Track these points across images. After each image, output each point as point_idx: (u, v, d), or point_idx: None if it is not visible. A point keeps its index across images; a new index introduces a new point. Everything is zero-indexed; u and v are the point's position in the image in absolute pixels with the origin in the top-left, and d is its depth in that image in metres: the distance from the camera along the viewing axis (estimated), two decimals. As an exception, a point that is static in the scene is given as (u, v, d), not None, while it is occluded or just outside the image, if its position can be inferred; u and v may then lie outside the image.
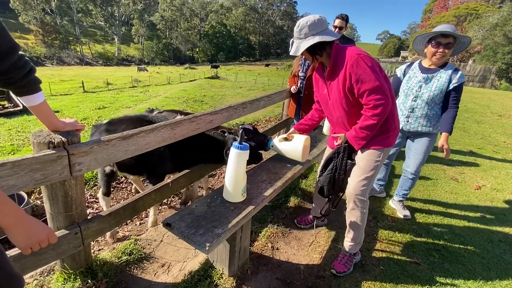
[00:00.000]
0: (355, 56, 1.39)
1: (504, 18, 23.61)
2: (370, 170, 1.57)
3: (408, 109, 2.21)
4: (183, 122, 1.79)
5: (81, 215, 1.33)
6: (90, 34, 58.48)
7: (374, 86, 1.36)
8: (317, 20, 1.44)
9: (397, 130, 1.61)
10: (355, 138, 1.51)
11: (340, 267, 1.74)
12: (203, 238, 1.19)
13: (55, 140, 1.11)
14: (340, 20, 3.08)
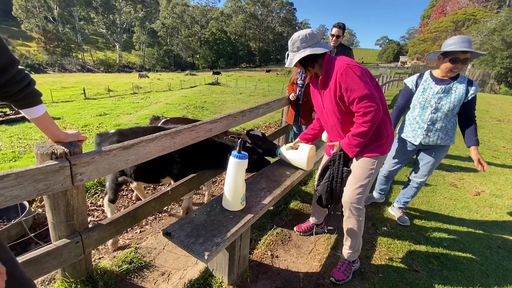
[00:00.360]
0: (344, 66, 1.45)
1: (502, 23, 23.84)
2: (365, 178, 1.60)
3: (427, 122, 2.10)
4: (183, 131, 1.82)
5: (82, 224, 1.35)
6: (92, 41, 59.14)
7: (363, 94, 1.41)
8: (308, 34, 1.53)
9: (391, 138, 1.62)
10: (349, 146, 1.56)
11: (339, 275, 1.75)
12: (202, 247, 1.20)
13: (57, 151, 1.14)
14: (337, 29, 3.14)
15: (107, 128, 8.44)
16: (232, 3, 77.53)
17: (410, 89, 2.23)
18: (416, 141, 2.17)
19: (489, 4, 34.32)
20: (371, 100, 1.42)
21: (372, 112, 1.42)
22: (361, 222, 1.67)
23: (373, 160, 1.59)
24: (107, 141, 2.08)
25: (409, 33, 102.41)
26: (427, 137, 2.13)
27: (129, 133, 2.17)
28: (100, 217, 2.65)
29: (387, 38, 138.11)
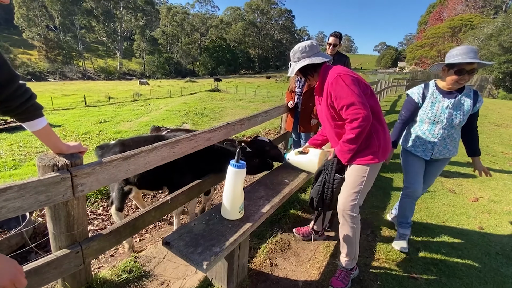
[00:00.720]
0: (335, 75, 1.54)
1: (498, 29, 24.11)
2: (357, 185, 1.62)
3: (438, 138, 2.01)
4: (182, 140, 1.85)
5: (82, 234, 1.37)
6: (93, 49, 59.76)
7: (351, 101, 1.47)
8: (308, 45, 1.65)
9: (383, 148, 1.61)
10: (340, 152, 1.62)
11: (338, 283, 1.75)
12: (201, 257, 1.22)
13: (59, 163, 1.16)
14: (333, 38, 3.21)
15: (107, 135, 8.48)
16: (232, 11, 78.64)
17: (416, 102, 2.07)
18: (427, 156, 2.08)
19: (486, 10, 34.79)
20: (359, 107, 1.46)
21: (359, 119, 1.46)
22: (356, 229, 1.68)
23: (365, 167, 1.61)
24: (110, 152, 2.08)
25: (407, 39, 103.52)
26: (438, 152, 2.05)
27: (131, 143, 2.18)
28: (100, 226, 2.66)
29: (385, 44, 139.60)
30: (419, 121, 2.10)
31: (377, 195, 3.11)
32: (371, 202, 2.94)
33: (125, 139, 2.28)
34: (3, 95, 0.91)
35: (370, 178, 1.64)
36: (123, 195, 2.28)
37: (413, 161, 2.17)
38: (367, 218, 2.61)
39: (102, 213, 2.82)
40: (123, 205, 2.33)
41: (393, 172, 3.86)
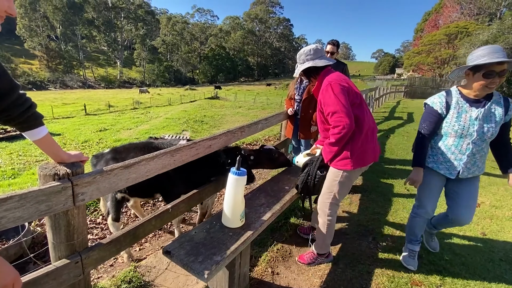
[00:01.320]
0: (326, 83, 1.68)
1: (494, 35, 24.41)
2: (331, 186, 1.80)
3: (467, 153, 1.73)
4: (183, 148, 1.85)
5: (82, 243, 1.35)
6: (93, 58, 60.35)
7: (335, 109, 1.60)
8: (313, 49, 1.78)
9: (357, 156, 1.68)
10: (324, 151, 1.83)
11: (302, 258, 2.07)
12: (202, 266, 1.21)
13: (60, 172, 1.16)
14: (331, 46, 3.26)
15: (107, 143, 8.48)
16: (231, 20, 79.80)
17: (439, 113, 1.79)
18: (452, 175, 1.81)
19: (480, 17, 35.36)
20: (341, 116, 1.58)
21: (341, 126, 1.58)
22: (327, 223, 1.88)
23: (339, 172, 1.75)
24: (102, 160, 2.14)
25: (404, 45, 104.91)
26: (466, 170, 1.77)
27: (122, 149, 2.25)
28: (100, 235, 2.64)
29: (382, 51, 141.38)
30: (444, 135, 1.81)
31: (378, 201, 3.10)
32: (372, 208, 2.92)
33: (117, 146, 2.33)
34: (4, 104, 0.92)
35: (345, 182, 1.77)
36: (117, 204, 2.25)
37: (431, 180, 1.90)
38: (368, 225, 2.59)
39: (101, 222, 2.80)
40: (119, 215, 2.30)
41: (394, 178, 3.85)
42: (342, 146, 1.68)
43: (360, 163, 1.71)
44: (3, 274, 0.68)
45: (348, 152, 1.68)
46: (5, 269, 0.70)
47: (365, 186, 3.53)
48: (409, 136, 6.71)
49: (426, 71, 35.65)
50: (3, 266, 0.69)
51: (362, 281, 1.88)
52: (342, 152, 1.70)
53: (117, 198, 2.22)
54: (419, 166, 1.84)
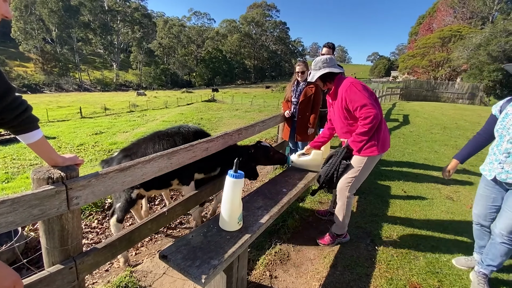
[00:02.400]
0: (348, 84, 1.95)
1: (487, 39, 24.83)
2: (354, 172, 2.06)
3: (503, 153, 1.71)
4: (180, 151, 1.84)
5: (76, 248, 1.33)
6: (89, 61, 59.99)
7: (363, 103, 1.86)
8: (328, 58, 2.06)
9: (381, 143, 1.98)
10: (353, 142, 2.01)
11: (323, 240, 2.31)
12: (199, 270, 1.19)
13: (54, 175, 1.14)
14: (327, 49, 3.29)
15: (103, 146, 8.40)
16: (227, 23, 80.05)
17: (494, 115, 1.83)
18: (491, 176, 1.79)
19: (473, 21, 35.90)
20: (370, 108, 1.84)
21: (371, 116, 1.84)
22: (346, 205, 2.13)
23: (363, 158, 2.02)
24: (114, 162, 2.05)
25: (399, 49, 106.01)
26: (503, 172, 1.71)
27: (131, 146, 2.24)
28: (95, 239, 2.59)
29: (377, 54, 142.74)
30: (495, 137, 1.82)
31: (375, 203, 3.10)
32: (369, 210, 2.92)
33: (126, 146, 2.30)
34: (0, 106, 0.90)
35: (367, 167, 2.05)
36: (130, 205, 2.18)
37: (480, 183, 1.92)
38: (366, 227, 2.59)
39: (97, 226, 2.76)
40: (124, 216, 2.25)
41: (391, 180, 3.86)
42: (372, 135, 1.93)
43: (383, 149, 2.02)
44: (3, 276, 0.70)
45: (375, 140, 1.96)
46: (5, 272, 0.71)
47: (363, 188, 3.53)
48: (405, 138, 6.75)
49: (421, 74, 36.02)
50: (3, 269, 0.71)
51: (360, 284, 1.87)
52: (371, 140, 1.96)
53: (132, 198, 2.14)
54: (455, 158, 2.02)
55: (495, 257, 1.77)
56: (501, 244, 1.72)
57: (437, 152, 5.56)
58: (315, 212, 2.85)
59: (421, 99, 22.81)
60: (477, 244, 2.06)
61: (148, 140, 2.21)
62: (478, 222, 1.97)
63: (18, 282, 0.75)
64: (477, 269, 1.90)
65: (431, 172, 4.32)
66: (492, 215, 1.86)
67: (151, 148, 2.11)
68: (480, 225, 1.97)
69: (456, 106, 16.54)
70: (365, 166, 2.03)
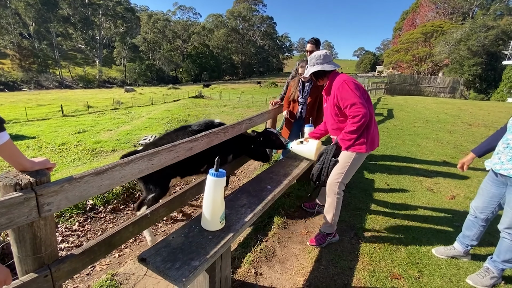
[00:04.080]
0: (341, 81, 1.96)
1: (467, 34, 25.64)
2: (342, 168, 2.07)
3: (502, 144, 1.75)
4: (161, 152, 1.79)
5: (51, 256, 1.28)
6: (70, 57, 57.69)
7: (354, 101, 1.88)
8: (323, 54, 2.05)
9: (370, 141, 2.01)
10: (342, 140, 2.05)
11: (313, 241, 2.25)
12: (179, 272, 1.17)
13: (22, 182, 1.09)
14: (310, 45, 3.28)
15: (86, 145, 8.14)
16: (214, 18, 78.81)
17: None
18: (488, 167, 1.84)
19: (454, 16, 36.92)
20: (360, 106, 1.86)
21: (360, 115, 1.86)
22: (336, 202, 2.11)
23: (351, 154, 2.04)
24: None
25: (384, 44, 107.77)
26: (499, 163, 1.74)
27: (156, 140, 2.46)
28: (76, 242, 2.52)
29: (363, 49, 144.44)
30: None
31: (359, 197, 3.16)
32: (354, 204, 2.98)
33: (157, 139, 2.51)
34: None
35: (355, 164, 2.07)
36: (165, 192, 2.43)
37: (486, 176, 1.94)
38: (350, 221, 2.64)
39: (78, 229, 2.68)
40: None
41: (375, 174, 3.95)
42: (361, 133, 1.96)
43: (371, 147, 2.05)
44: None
45: (364, 138, 1.99)
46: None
47: (347, 183, 3.59)
48: (389, 132, 6.91)
49: (405, 69, 36.85)
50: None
51: (344, 278, 1.91)
52: (359, 138, 1.99)
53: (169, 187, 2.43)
54: (473, 151, 2.05)
55: (499, 252, 1.82)
56: (503, 239, 1.78)
57: (419, 145, 5.72)
58: (302, 206, 2.88)
59: (405, 93, 23.36)
60: (463, 234, 2.11)
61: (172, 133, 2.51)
62: (474, 214, 2.00)
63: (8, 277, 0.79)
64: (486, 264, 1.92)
65: (413, 165, 4.44)
66: (489, 209, 1.90)
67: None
68: (475, 216, 2.00)
69: (438, 100, 17.05)
70: (353, 162, 2.05)
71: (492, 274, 1.85)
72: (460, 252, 2.12)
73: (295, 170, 2.67)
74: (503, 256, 1.80)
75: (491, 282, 1.84)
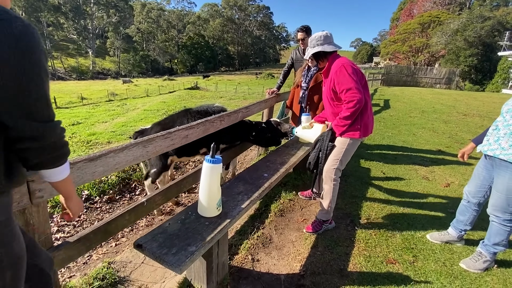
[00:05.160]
0: (340, 65, 1.91)
1: (463, 24, 25.53)
2: (338, 154, 2.06)
3: (492, 126, 1.77)
4: (156, 139, 1.77)
5: (45, 243, 1.26)
6: (62, 47, 56.35)
7: (349, 86, 1.84)
8: (323, 35, 2.00)
9: (364, 127, 2.00)
10: (336, 126, 2.03)
11: (309, 228, 2.27)
12: (176, 257, 1.17)
13: (13, 167, 1.06)
14: (300, 33, 3.23)
15: (80, 137, 8.04)
16: (209, 7, 77.23)
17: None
18: (479, 148, 1.84)
19: (451, 6, 36.65)
20: (354, 91, 1.83)
21: (355, 101, 1.83)
22: (333, 188, 2.11)
23: (346, 140, 2.04)
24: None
25: (381, 35, 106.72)
26: (487, 144, 1.76)
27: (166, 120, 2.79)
28: (72, 232, 2.51)
29: (360, 40, 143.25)
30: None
31: (356, 185, 3.18)
32: (350, 192, 3.00)
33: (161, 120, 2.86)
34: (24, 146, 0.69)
35: (350, 149, 2.07)
36: (165, 168, 2.74)
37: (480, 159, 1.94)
38: (346, 209, 2.66)
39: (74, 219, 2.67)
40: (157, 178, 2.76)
41: (371, 162, 3.97)
42: (354, 119, 1.94)
43: (365, 133, 2.04)
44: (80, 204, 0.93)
45: (358, 124, 1.98)
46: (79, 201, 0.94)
47: (343, 171, 3.59)
48: (385, 122, 6.93)
49: (401, 59, 36.73)
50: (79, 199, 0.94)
51: (340, 263, 1.93)
52: (353, 124, 1.97)
53: (167, 164, 2.70)
54: (473, 141, 2.04)
55: (490, 236, 1.86)
56: (492, 223, 1.83)
57: (415, 135, 5.75)
58: (299, 194, 2.89)
59: (402, 84, 23.37)
60: (457, 219, 2.14)
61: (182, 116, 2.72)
62: (467, 199, 2.04)
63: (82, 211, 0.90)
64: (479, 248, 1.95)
65: (409, 154, 4.47)
66: (481, 193, 1.93)
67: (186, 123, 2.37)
68: (468, 201, 2.04)
69: (434, 91, 17.10)
70: (348, 148, 2.05)
71: (485, 258, 1.89)
72: (454, 237, 2.16)
73: (292, 158, 2.66)
74: (493, 239, 1.84)
75: (484, 266, 1.88)
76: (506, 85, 21.19)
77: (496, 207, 1.76)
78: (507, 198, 1.68)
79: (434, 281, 1.79)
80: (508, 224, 1.75)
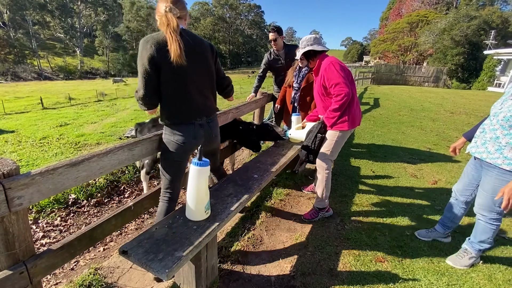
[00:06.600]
0: (328, 63, 2.11)
1: (450, 24, 26.06)
2: (329, 146, 2.25)
3: (479, 129, 1.79)
4: (142, 141, 1.74)
5: (26, 252, 1.22)
6: (49, 47, 54.88)
7: (338, 81, 2.04)
8: (313, 37, 2.23)
9: (352, 119, 2.17)
10: (327, 118, 2.21)
11: (307, 216, 2.47)
12: (162, 263, 1.15)
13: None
14: (272, 34, 3.29)
15: (69, 139, 7.86)
16: (200, 5, 76.53)
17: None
18: (468, 149, 1.86)
19: (439, 6, 37.36)
20: (342, 86, 2.02)
21: (343, 94, 2.03)
22: (325, 178, 2.29)
23: (335, 132, 2.22)
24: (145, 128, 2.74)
25: (371, 34, 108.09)
26: (475, 147, 1.78)
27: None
28: (58, 237, 2.45)
29: (351, 39, 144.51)
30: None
31: (346, 184, 3.21)
32: (340, 191, 3.02)
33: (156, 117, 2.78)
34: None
35: (339, 141, 2.25)
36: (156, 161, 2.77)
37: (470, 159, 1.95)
38: (336, 208, 2.67)
39: (60, 224, 2.60)
40: (151, 169, 2.86)
41: (361, 161, 4.01)
42: (342, 111, 2.11)
43: (353, 125, 2.21)
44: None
45: (346, 116, 2.15)
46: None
47: (334, 170, 3.63)
48: (375, 121, 7.02)
49: (391, 58, 37.27)
50: None
51: (330, 262, 1.94)
52: (342, 116, 2.14)
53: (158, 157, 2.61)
54: (464, 136, 2.09)
55: (476, 233, 1.89)
56: (478, 221, 1.85)
57: (404, 133, 5.85)
58: (302, 189, 3.08)
59: (391, 83, 23.73)
60: (444, 216, 2.17)
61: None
62: (455, 197, 2.06)
63: None
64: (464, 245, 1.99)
65: (398, 152, 4.54)
66: (468, 192, 1.96)
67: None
68: (456, 199, 2.06)
69: (422, 89, 17.42)
70: (337, 140, 2.23)
71: (470, 255, 1.93)
72: (441, 234, 2.20)
73: (282, 159, 2.65)
74: (479, 237, 1.87)
75: (469, 262, 1.92)
76: (492, 83, 21.77)
77: (482, 206, 1.79)
78: (493, 198, 1.70)
79: (422, 278, 1.82)
80: (493, 222, 1.79)
